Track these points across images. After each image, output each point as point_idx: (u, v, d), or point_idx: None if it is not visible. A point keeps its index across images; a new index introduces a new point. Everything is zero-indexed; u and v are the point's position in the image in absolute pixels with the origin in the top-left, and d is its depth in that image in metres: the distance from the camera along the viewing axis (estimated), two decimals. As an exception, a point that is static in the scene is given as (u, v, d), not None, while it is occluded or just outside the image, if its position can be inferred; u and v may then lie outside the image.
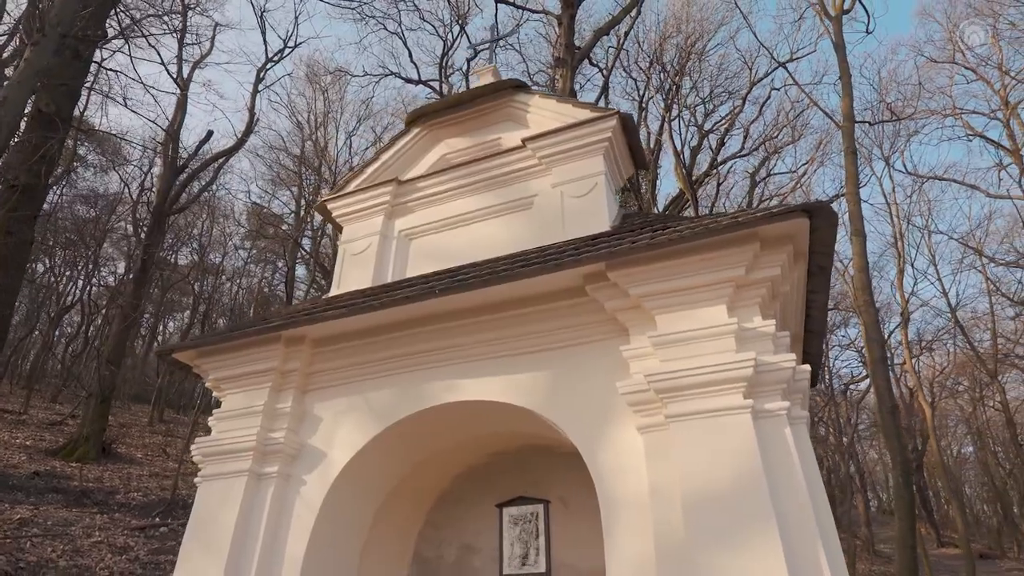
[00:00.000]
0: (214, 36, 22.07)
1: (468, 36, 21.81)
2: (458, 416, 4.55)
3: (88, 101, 18.36)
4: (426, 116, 6.11)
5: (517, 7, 17.98)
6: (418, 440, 4.74)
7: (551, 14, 17.34)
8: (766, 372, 3.44)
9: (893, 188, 31.26)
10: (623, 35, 20.35)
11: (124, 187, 24.89)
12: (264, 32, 21.83)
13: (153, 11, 16.53)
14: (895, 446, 10.86)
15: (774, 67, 21.85)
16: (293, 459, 4.54)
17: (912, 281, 27.83)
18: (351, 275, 5.46)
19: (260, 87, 22.91)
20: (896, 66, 42.42)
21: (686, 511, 3.21)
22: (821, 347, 5.14)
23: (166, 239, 25.21)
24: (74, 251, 26.68)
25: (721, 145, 23.68)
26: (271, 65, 23.18)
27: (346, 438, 4.47)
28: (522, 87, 5.99)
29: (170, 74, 19.98)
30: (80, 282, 27.71)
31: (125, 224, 27.25)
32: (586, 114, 5.27)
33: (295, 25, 34.85)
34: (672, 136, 21.94)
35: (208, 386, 5.07)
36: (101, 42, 12.35)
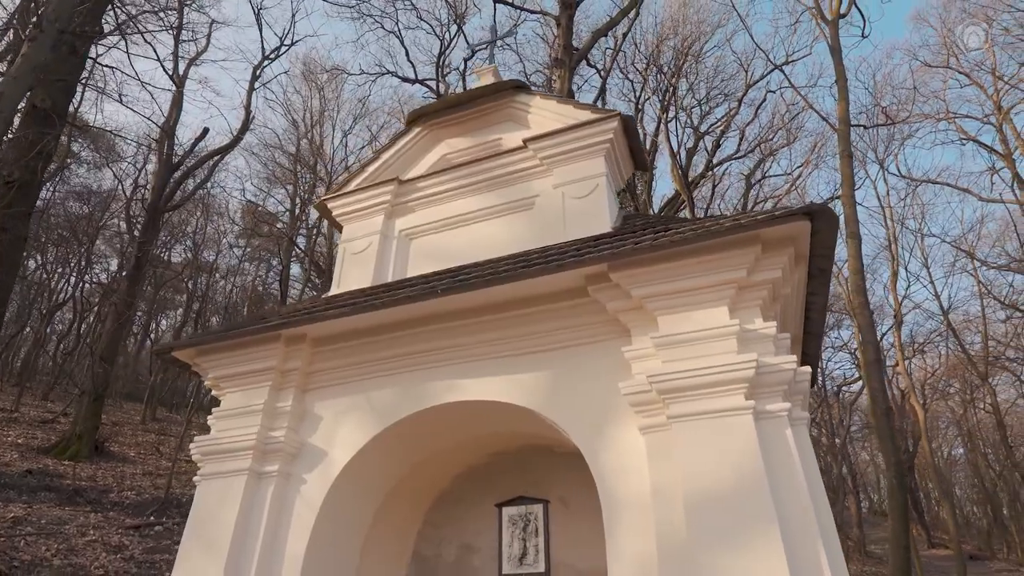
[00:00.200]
0: (210, 33, 21.97)
1: (466, 36, 21.82)
2: (459, 416, 4.55)
3: (83, 97, 18.23)
4: (427, 116, 6.11)
5: (515, 7, 17.98)
6: (419, 440, 4.75)
7: (549, 15, 17.35)
8: (767, 373, 3.46)
9: (887, 191, 31.45)
10: (621, 37, 20.39)
11: (118, 184, 24.76)
12: (261, 29, 21.75)
13: (149, 7, 16.45)
14: (889, 448, 10.94)
15: (770, 69, 21.96)
16: (293, 458, 4.53)
17: (905, 284, 27.91)
18: (351, 274, 5.46)
19: (256, 85, 22.83)
20: (891, 70, 42.74)
21: (688, 511, 3.23)
22: (819, 349, 5.17)
23: (160, 236, 25.07)
24: (67, 248, 26.51)
25: (717, 147, 23.78)
26: (267, 63, 23.11)
27: (347, 437, 4.46)
28: (523, 88, 6.00)
29: (166, 71, 19.91)
30: (72, 279, 27.55)
31: (118, 221, 27.12)
32: (587, 115, 5.29)
33: (292, 23, 34.63)
34: (669, 138, 22.02)
35: (207, 384, 5.06)
36: (97, 38, 12.27)
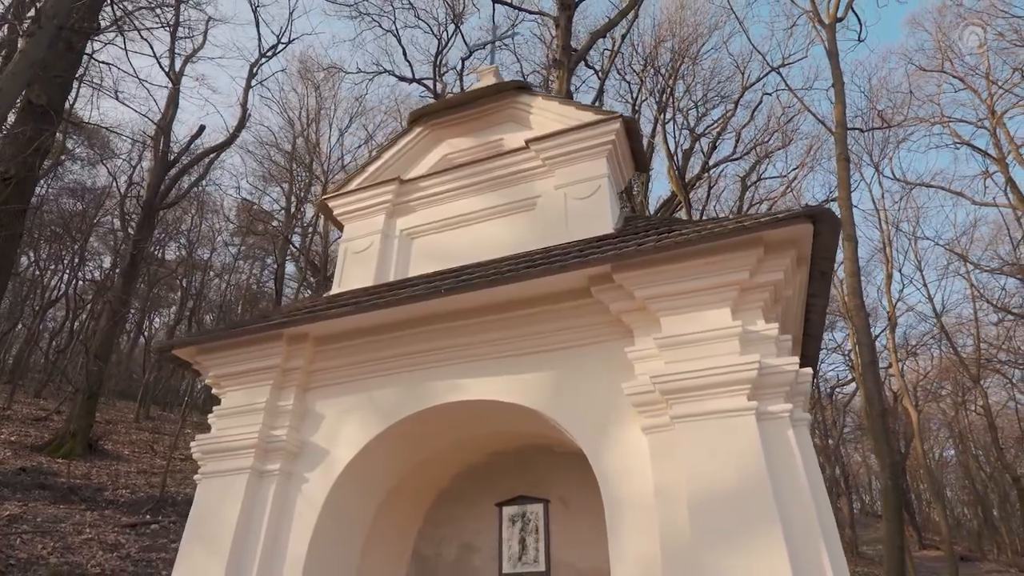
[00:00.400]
0: (207, 30, 21.88)
1: (463, 35, 21.83)
2: (461, 415, 4.56)
3: (78, 93, 18.11)
4: (428, 116, 6.12)
5: (513, 7, 18.01)
6: (420, 439, 4.76)
7: (548, 15, 17.37)
8: (770, 375, 3.48)
9: (882, 194, 31.67)
10: (620, 38, 20.44)
11: (112, 181, 24.63)
12: (258, 27, 21.71)
13: (146, 3, 16.34)
14: (884, 449, 11.02)
15: (767, 72, 22.09)
16: (295, 457, 4.53)
17: (899, 286, 28.13)
18: (353, 273, 5.46)
19: (253, 82, 22.75)
20: (887, 74, 43.03)
21: (691, 512, 3.25)
22: (818, 350, 5.21)
23: (154, 234, 24.93)
24: (60, 244, 26.35)
25: (713, 149, 23.86)
26: (265, 60, 23.03)
27: (349, 436, 4.47)
28: (525, 88, 6.02)
29: (162, 67, 19.83)
30: (65, 276, 27.38)
31: (112, 218, 26.98)
32: (590, 117, 5.31)
33: (290, 21, 34.53)
34: (666, 139, 22.08)
35: (208, 382, 5.05)
36: (94, 34, 12.20)
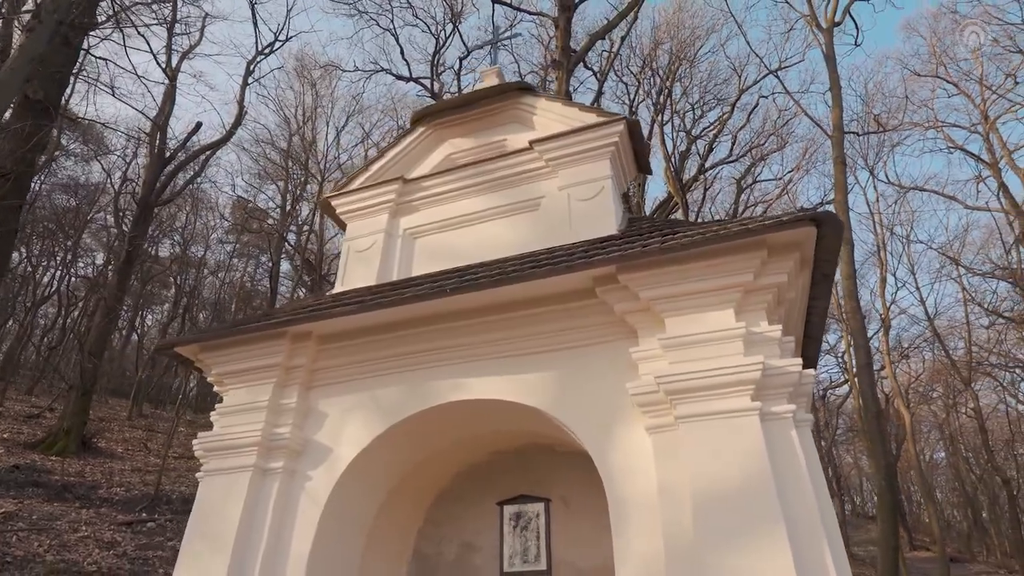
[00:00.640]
0: (203, 26, 21.78)
1: (461, 35, 21.87)
2: (463, 415, 4.58)
3: (73, 89, 18.01)
4: (432, 115, 6.13)
5: (512, 8, 18.03)
6: (424, 438, 4.77)
7: (547, 16, 17.40)
8: (773, 376, 3.52)
9: (877, 198, 31.78)
10: (619, 40, 20.50)
11: (107, 177, 24.49)
12: (256, 24, 21.63)
13: (142, -1, 16.25)
14: (879, 450, 11.10)
15: (764, 75, 22.23)
16: (298, 455, 4.54)
17: (893, 290, 28.31)
18: (356, 272, 5.47)
19: (250, 80, 22.68)
20: (882, 78, 43.37)
21: (696, 511, 3.27)
22: (818, 352, 5.26)
23: (148, 230, 24.80)
24: (52, 241, 26.17)
25: (710, 151, 23.98)
26: (262, 58, 22.97)
27: (352, 435, 4.47)
28: (528, 89, 6.05)
29: (159, 63, 19.71)
30: (58, 272, 27.20)
31: (106, 215, 26.81)
32: (593, 118, 5.33)
33: (287, 18, 34.48)
34: (663, 140, 22.16)
35: (210, 380, 5.05)
36: (92, 30, 12.14)
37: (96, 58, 15.02)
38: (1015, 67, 21.42)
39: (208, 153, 22.38)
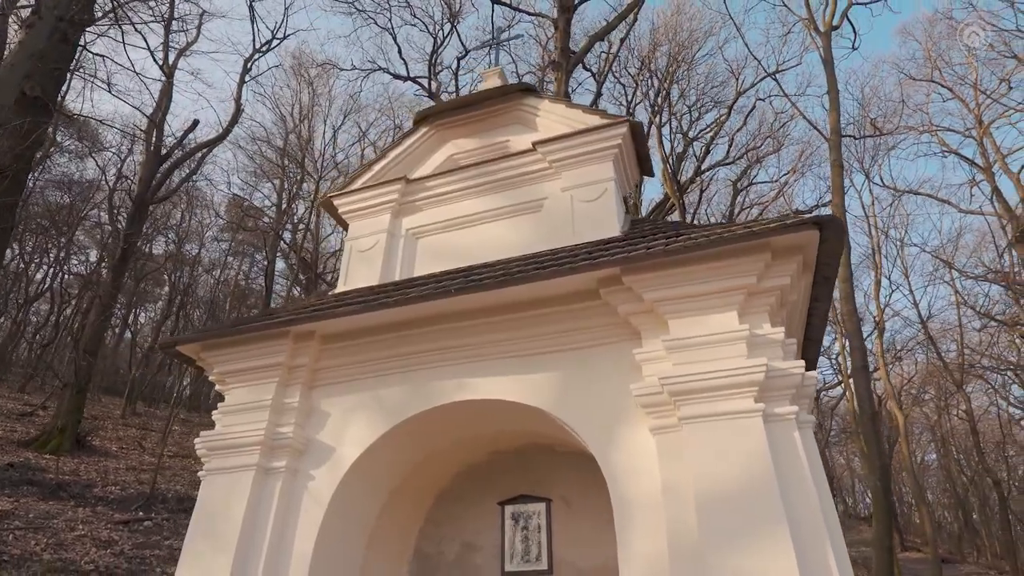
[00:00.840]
0: (200, 24, 21.70)
1: (459, 35, 21.86)
2: (467, 415, 4.59)
3: (70, 85, 17.90)
4: (434, 116, 6.15)
5: (512, 8, 18.04)
6: (427, 438, 4.78)
7: (547, 17, 17.43)
8: (776, 377, 3.55)
9: (872, 201, 31.94)
10: (618, 41, 20.55)
11: (101, 174, 24.35)
12: (253, 22, 21.54)
13: (140, -5, 16.18)
14: (874, 452, 11.17)
15: (762, 77, 22.32)
16: (301, 454, 4.54)
17: (887, 292, 28.50)
18: (358, 272, 5.48)
19: (247, 78, 22.61)
20: (879, 82, 43.60)
21: (699, 512, 3.30)
22: (817, 354, 5.30)
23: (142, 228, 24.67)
24: (46, 237, 26.00)
25: (706, 153, 24.06)
26: (259, 56, 22.90)
27: (355, 434, 4.48)
28: (530, 91, 6.07)
29: (156, 60, 19.62)
30: (51, 269, 27.04)
31: (99, 212, 26.66)
32: (596, 120, 5.36)
33: (285, 16, 34.37)
34: (661, 142, 22.23)
35: (212, 379, 5.05)
36: (90, 26, 12.08)
37: (93, 55, 14.97)
38: (1009, 72, 21.61)
39: (204, 151, 22.31)
